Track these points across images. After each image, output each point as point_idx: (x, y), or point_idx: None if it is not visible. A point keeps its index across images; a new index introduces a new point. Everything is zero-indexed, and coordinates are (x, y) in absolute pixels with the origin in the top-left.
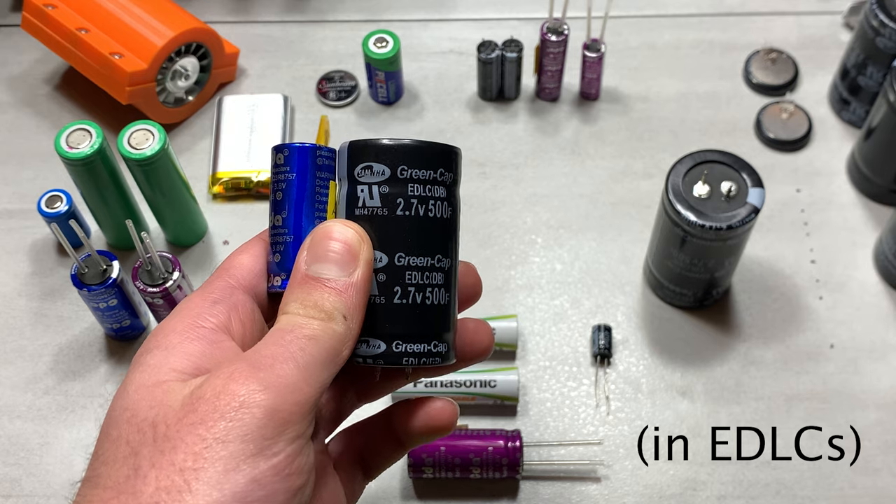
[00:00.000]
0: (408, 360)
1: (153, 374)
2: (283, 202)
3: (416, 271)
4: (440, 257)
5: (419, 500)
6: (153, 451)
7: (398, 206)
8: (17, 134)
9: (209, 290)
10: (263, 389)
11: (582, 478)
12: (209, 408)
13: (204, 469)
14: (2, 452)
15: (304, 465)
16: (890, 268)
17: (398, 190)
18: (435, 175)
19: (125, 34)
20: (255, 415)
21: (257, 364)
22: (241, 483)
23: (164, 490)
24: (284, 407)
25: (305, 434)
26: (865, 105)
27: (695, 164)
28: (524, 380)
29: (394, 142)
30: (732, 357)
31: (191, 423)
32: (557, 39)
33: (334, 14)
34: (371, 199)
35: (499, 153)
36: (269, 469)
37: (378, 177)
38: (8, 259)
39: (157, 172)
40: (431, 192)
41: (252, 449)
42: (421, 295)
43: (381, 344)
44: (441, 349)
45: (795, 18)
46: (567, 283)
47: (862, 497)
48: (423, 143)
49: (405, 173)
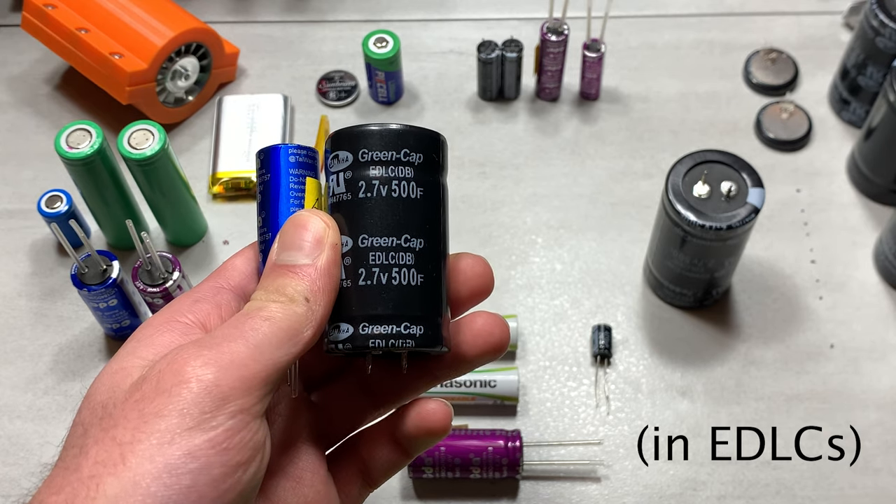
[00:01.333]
0: (374, 341)
1: (120, 361)
2: (263, 203)
3: (380, 252)
4: (408, 237)
5: (419, 500)
6: (98, 430)
7: (360, 189)
8: (17, 134)
9: (196, 290)
10: (204, 365)
11: (582, 478)
12: (152, 385)
13: (140, 442)
14: (2, 452)
15: (246, 440)
16: (890, 268)
17: (360, 174)
18: (398, 156)
19: (125, 34)
20: (193, 389)
21: (205, 343)
22: (175, 455)
23: (101, 464)
24: (226, 382)
25: (251, 410)
26: (865, 105)
27: (695, 164)
28: (524, 380)
29: (359, 127)
30: (732, 357)
31: (134, 401)
32: (557, 39)
33: (334, 14)
34: (338, 187)
35: (499, 153)
36: (204, 442)
37: (343, 163)
38: (8, 259)
39: (157, 172)
40: (395, 172)
41: (189, 422)
42: (386, 275)
43: (349, 327)
44: (414, 331)
45: (795, 18)
46: (567, 283)
47: (862, 497)
48: (385, 127)
49: (366, 156)
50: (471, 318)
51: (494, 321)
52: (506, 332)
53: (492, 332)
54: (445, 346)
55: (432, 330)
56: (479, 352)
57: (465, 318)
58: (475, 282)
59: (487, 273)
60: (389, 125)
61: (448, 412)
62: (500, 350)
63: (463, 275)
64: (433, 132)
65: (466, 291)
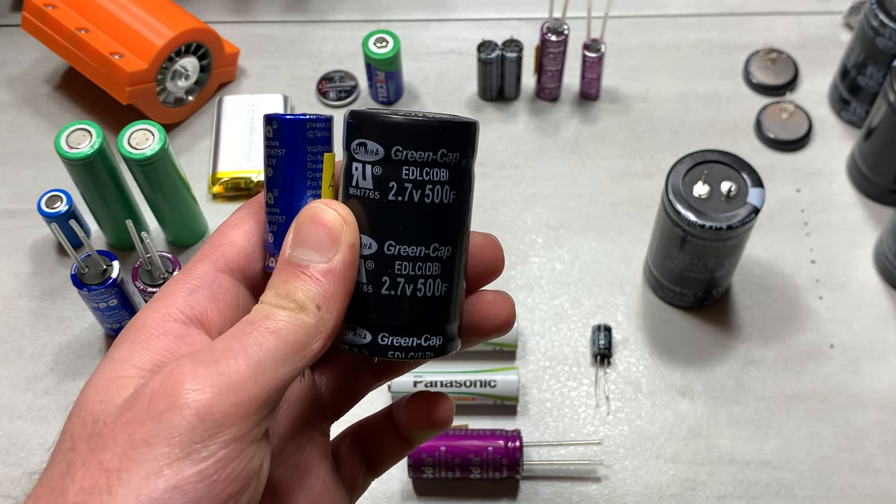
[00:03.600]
0: (393, 353)
1: (115, 368)
2: (274, 179)
3: (407, 262)
4: (437, 246)
5: (419, 500)
6: (87, 449)
7: (390, 191)
8: (17, 134)
9: (191, 274)
10: (199, 388)
11: (582, 478)
12: (143, 407)
13: (127, 471)
14: (2, 452)
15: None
16: (890, 268)
17: (391, 172)
18: (435, 157)
19: (125, 34)
20: (185, 416)
21: (202, 360)
22: (161, 489)
23: (86, 491)
24: (220, 408)
25: (247, 437)
26: (865, 105)
27: (695, 164)
28: (524, 380)
29: (391, 118)
30: (732, 357)
31: (125, 422)
32: (557, 39)
33: (334, 14)
34: (364, 180)
35: (499, 153)
36: (193, 475)
37: (371, 156)
38: (8, 259)
39: (157, 172)
40: (430, 175)
41: (178, 453)
42: (412, 287)
43: (367, 334)
44: (433, 343)
45: (795, 18)
46: (567, 283)
47: (862, 497)
48: (422, 121)
49: (399, 154)
50: (479, 297)
51: (502, 299)
52: (511, 309)
53: (499, 314)
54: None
55: (449, 338)
56: (486, 332)
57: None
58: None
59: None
60: (425, 117)
61: (450, 405)
62: (506, 328)
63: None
64: (469, 121)
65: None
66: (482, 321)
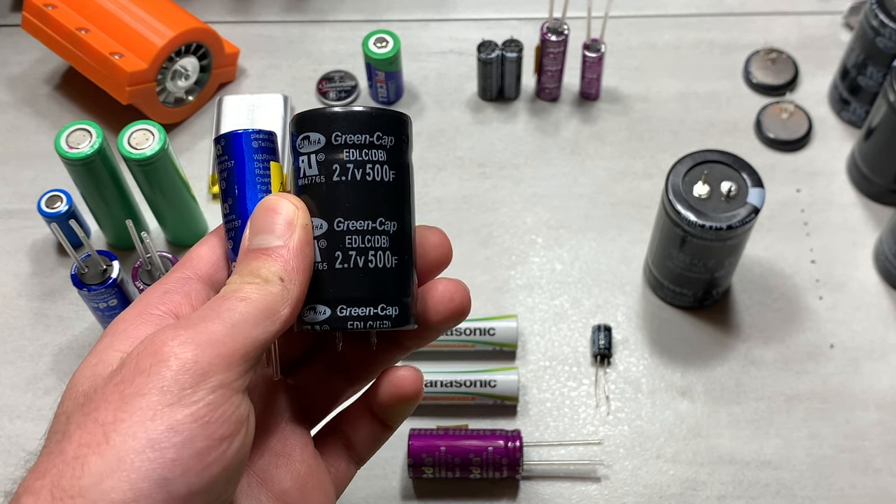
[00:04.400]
0: (352, 323)
1: (98, 354)
2: (227, 190)
3: (356, 235)
4: (383, 220)
5: (419, 500)
6: (80, 415)
7: (334, 173)
8: (17, 134)
9: (164, 281)
10: (182, 343)
11: (582, 478)
12: (131, 367)
13: (122, 421)
14: (2, 452)
15: (229, 414)
16: (890, 268)
17: (333, 156)
18: (371, 139)
19: (125, 34)
20: (172, 367)
21: (182, 325)
22: (158, 430)
23: (84, 445)
24: (204, 359)
25: (231, 385)
26: (865, 105)
27: (695, 164)
28: (524, 380)
29: (329, 110)
30: (732, 357)
31: (114, 384)
32: (557, 39)
33: (334, 14)
34: (310, 168)
35: (499, 153)
36: (186, 416)
37: (315, 145)
38: (8, 259)
39: (157, 172)
40: (369, 156)
41: (169, 399)
42: (363, 258)
43: (326, 309)
44: (390, 312)
45: (795, 18)
46: (567, 283)
47: (862, 497)
48: (357, 110)
49: (339, 139)
50: (431, 286)
51: (454, 287)
52: (466, 295)
53: (452, 298)
54: (415, 323)
55: (406, 310)
56: (441, 318)
57: (426, 286)
58: (435, 253)
59: (446, 244)
60: (358, 108)
61: (418, 376)
62: (462, 314)
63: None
64: (401, 114)
65: (428, 264)
66: (437, 306)
